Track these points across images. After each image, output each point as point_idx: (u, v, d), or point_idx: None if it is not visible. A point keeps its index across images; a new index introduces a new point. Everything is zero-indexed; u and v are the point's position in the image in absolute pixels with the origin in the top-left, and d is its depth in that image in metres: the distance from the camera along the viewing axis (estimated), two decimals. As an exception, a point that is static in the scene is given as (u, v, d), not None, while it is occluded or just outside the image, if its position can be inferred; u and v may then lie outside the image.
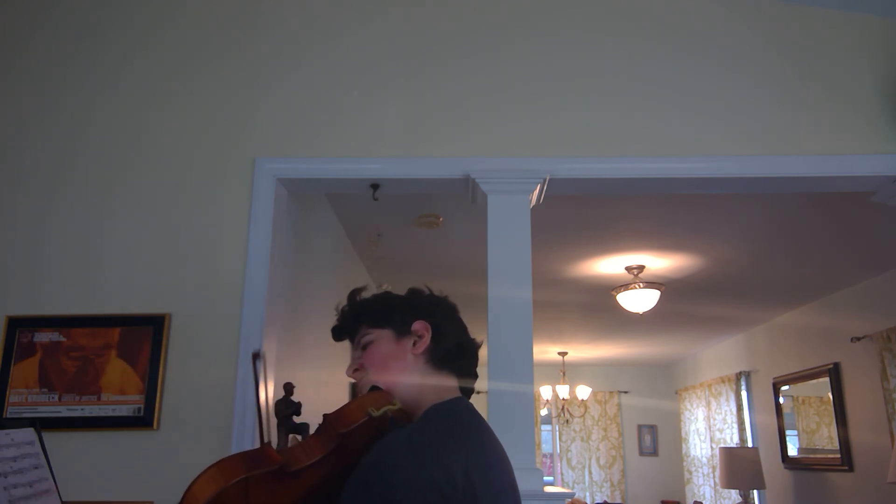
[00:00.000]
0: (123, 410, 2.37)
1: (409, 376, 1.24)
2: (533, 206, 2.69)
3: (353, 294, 1.37)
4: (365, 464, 1.02)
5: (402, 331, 1.28)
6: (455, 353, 1.29)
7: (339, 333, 1.37)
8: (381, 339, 1.29)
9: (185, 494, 0.99)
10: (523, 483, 2.32)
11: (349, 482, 1.02)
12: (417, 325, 1.28)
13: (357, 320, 1.33)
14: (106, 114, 2.72)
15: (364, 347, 1.30)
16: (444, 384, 1.26)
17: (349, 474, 1.03)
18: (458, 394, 1.28)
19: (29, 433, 1.43)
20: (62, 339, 2.44)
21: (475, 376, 1.34)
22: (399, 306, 1.32)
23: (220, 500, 0.97)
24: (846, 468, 5.48)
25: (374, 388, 1.19)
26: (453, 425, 1.14)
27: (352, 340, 1.35)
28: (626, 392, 10.17)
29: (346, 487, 1.02)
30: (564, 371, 8.95)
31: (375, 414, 1.11)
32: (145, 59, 2.79)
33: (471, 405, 1.26)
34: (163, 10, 2.86)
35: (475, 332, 1.37)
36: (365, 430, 1.10)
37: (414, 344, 1.27)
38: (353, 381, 1.32)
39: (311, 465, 1.06)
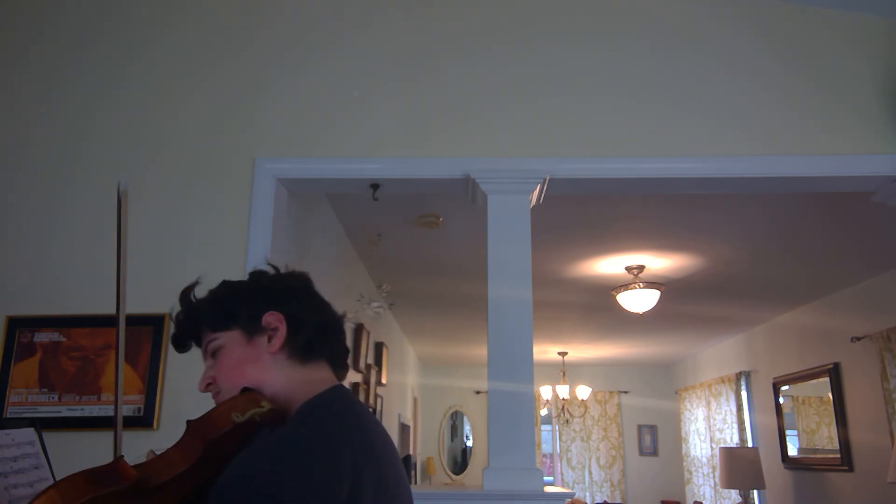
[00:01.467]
0: (123, 410, 2.37)
1: (271, 378, 1.07)
2: (533, 206, 2.69)
3: (185, 294, 1.19)
4: (223, 482, 0.88)
5: (252, 328, 1.10)
6: (318, 338, 1.12)
7: (180, 344, 1.19)
8: (230, 342, 1.11)
9: None
10: (523, 483, 2.33)
11: (209, 498, 0.89)
12: (269, 318, 1.10)
13: (197, 325, 1.16)
14: (107, 115, 2.72)
15: (213, 355, 1.13)
16: (315, 376, 1.10)
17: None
18: (334, 381, 1.12)
19: (29, 433, 1.43)
20: (62, 339, 2.44)
21: (346, 354, 1.18)
22: (243, 299, 1.14)
23: None
24: (846, 468, 5.48)
25: (245, 389, 1.06)
26: (330, 423, 0.99)
27: (199, 346, 1.18)
28: (626, 392, 10.17)
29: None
30: (564, 371, 8.95)
31: (240, 420, 0.98)
32: (146, 61, 2.79)
33: (348, 394, 1.12)
34: (163, 11, 2.86)
35: (476, 333, 1.25)
36: (233, 436, 0.98)
37: (269, 340, 1.09)
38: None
39: (174, 479, 0.93)
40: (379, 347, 5.41)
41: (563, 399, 8.89)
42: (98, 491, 0.87)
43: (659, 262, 4.93)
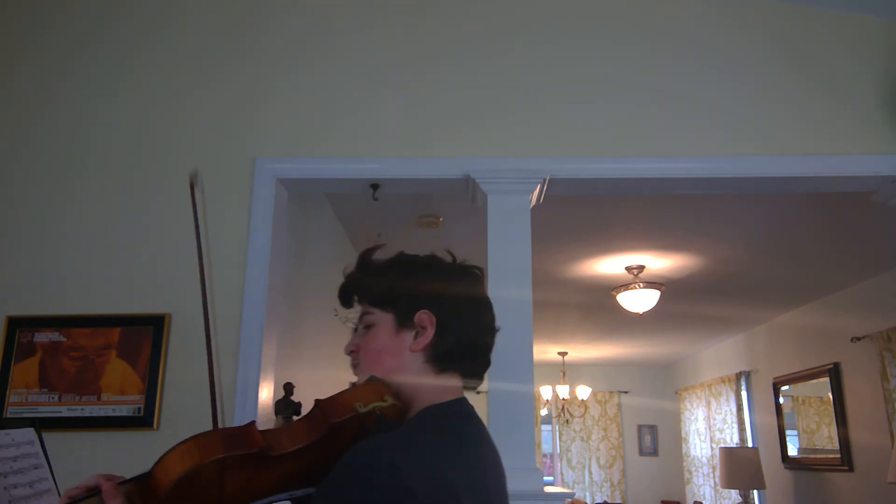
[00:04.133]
0: (123, 410, 2.37)
1: (404, 375, 1.09)
2: (533, 206, 2.69)
3: (367, 253, 1.18)
4: (344, 466, 0.92)
5: (404, 320, 1.10)
6: (459, 353, 1.11)
7: (345, 299, 1.18)
8: (381, 325, 1.12)
9: (156, 465, 0.92)
10: (523, 483, 2.33)
11: (325, 482, 0.92)
12: (421, 316, 1.09)
13: (361, 291, 1.16)
14: (107, 115, 2.72)
15: (366, 327, 1.14)
16: (444, 383, 1.10)
17: (326, 468, 0.94)
18: (461, 394, 1.13)
19: (29, 433, 1.43)
20: (62, 339, 2.44)
21: (482, 377, 1.18)
22: (408, 287, 1.13)
23: (192, 477, 0.90)
24: (846, 468, 5.48)
25: (372, 378, 1.09)
26: (448, 440, 1.01)
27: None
28: (626, 392, 10.17)
29: (323, 486, 0.92)
30: (564, 371, 8.95)
31: (362, 410, 1.02)
32: (147, 62, 2.79)
33: (470, 409, 1.12)
34: (164, 12, 2.86)
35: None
36: (352, 423, 1.02)
37: (415, 337, 1.09)
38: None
39: (294, 453, 0.98)
40: (379, 347, 5.40)
41: (563, 399, 8.90)
42: (229, 451, 0.93)
43: (659, 262, 4.93)
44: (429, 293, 1.12)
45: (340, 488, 0.91)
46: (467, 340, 1.12)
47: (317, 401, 1.04)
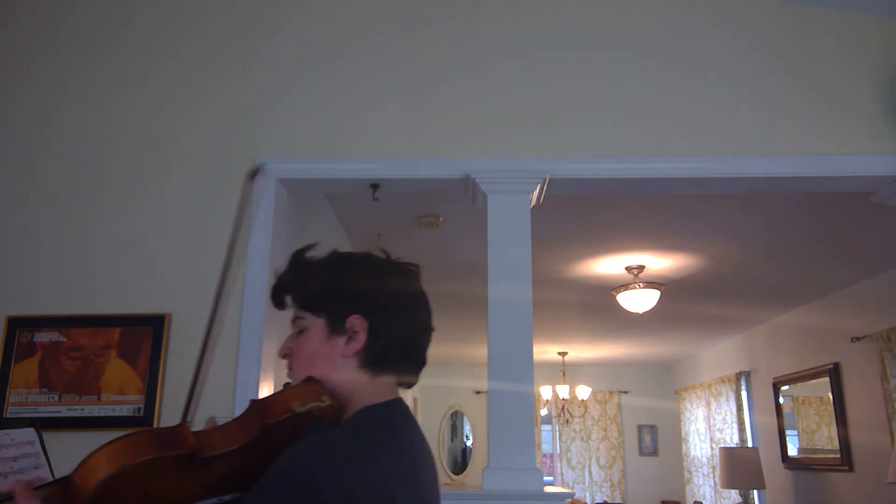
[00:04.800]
0: (123, 410, 2.37)
1: (338, 379, 1.07)
2: (533, 206, 2.69)
3: (298, 254, 1.15)
4: (279, 467, 0.91)
5: (336, 325, 1.08)
6: (393, 356, 1.10)
7: (277, 301, 1.15)
8: (313, 329, 1.09)
9: (79, 466, 0.87)
10: (523, 483, 2.33)
11: (259, 485, 0.90)
12: (352, 322, 1.07)
13: (291, 293, 1.13)
14: (107, 116, 2.72)
15: (299, 331, 1.12)
16: (380, 385, 1.10)
17: (261, 469, 0.92)
18: (396, 393, 1.12)
19: (29, 433, 1.43)
20: (62, 339, 2.44)
21: (417, 377, 1.16)
22: (340, 289, 1.10)
23: (117, 479, 0.86)
24: (846, 468, 5.48)
25: (309, 379, 1.07)
26: (382, 440, 1.01)
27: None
28: (626, 392, 10.17)
29: (256, 489, 0.90)
30: (564, 371, 8.95)
31: (300, 410, 1.00)
32: (147, 62, 2.79)
33: (405, 408, 1.12)
34: (169, 16, 2.86)
35: (476, 333, 1.22)
36: (288, 424, 0.99)
37: (347, 342, 1.07)
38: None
39: (227, 454, 0.94)
40: (379, 347, 5.40)
41: (563, 399, 8.89)
42: (158, 453, 0.88)
43: (659, 262, 4.93)
44: (361, 296, 1.09)
45: (276, 491, 0.89)
46: (401, 343, 1.10)
47: (252, 400, 1.01)
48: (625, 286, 5.21)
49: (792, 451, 6.48)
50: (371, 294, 1.10)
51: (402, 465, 1.00)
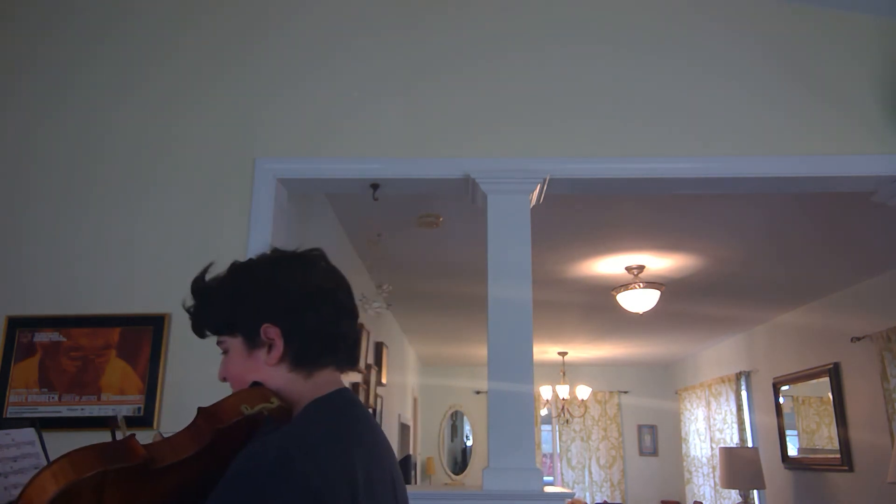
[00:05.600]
0: (123, 410, 2.37)
1: (275, 384, 1.07)
2: (533, 206, 2.69)
3: (195, 284, 1.15)
4: (233, 470, 0.90)
5: (253, 339, 1.08)
6: (319, 350, 1.08)
7: (197, 334, 1.16)
8: (234, 349, 1.10)
9: (27, 487, 0.85)
10: (523, 483, 2.33)
11: (216, 489, 0.90)
12: (266, 332, 1.07)
13: (204, 323, 1.13)
14: (107, 116, 2.72)
15: (224, 353, 1.12)
16: (319, 380, 1.09)
17: (218, 476, 0.92)
18: (340, 384, 1.11)
19: (29, 433, 1.43)
20: (62, 339, 2.44)
21: (355, 361, 1.16)
22: (243, 304, 1.10)
23: (68, 495, 0.84)
24: (846, 468, 5.48)
25: (255, 383, 1.07)
26: (336, 427, 1.01)
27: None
28: (626, 392, 10.17)
29: (213, 495, 0.89)
30: (564, 371, 8.95)
31: (249, 412, 0.99)
32: (146, 62, 2.79)
33: (353, 397, 1.12)
34: (167, 15, 2.86)
35: (476, 333, 1.23)
36: (239, 428, 0.99)
37: (269, 352, 1.07)
38: None
39: (179, 463, 0.93)
40: (379, 347, 5.41)
41: (563, 399, 8.90)
42: (107, 465, 0.87)
43: (659, 262, 4.93)
44: (265, 305, 1.08)
45: (234, 492, 0.89)
46: (319, 337, 1.09)
47: (199, 408, 1.00)
48: (625, 286, 5.21)
49: (792, 451, 6.48)
50: (273, 299, 1.08)
51: (357, 449, 0.99)
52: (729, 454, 6.46)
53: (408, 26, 2.82)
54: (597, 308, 6.29)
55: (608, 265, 5.01)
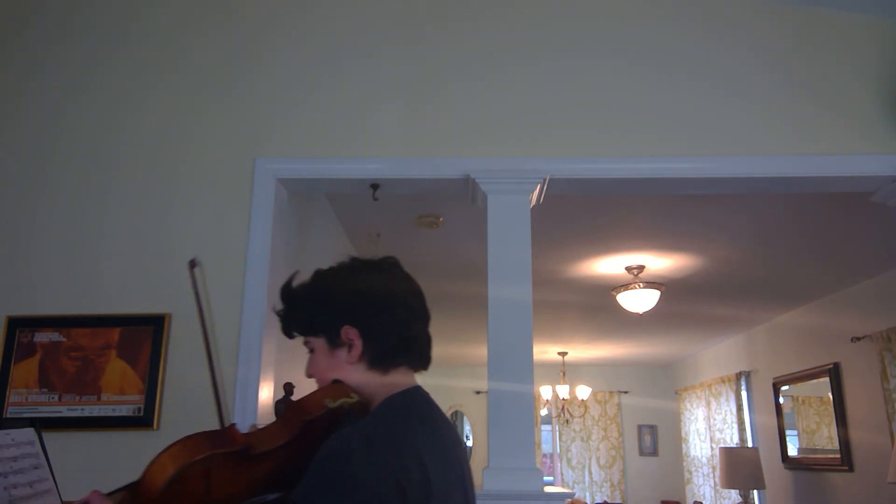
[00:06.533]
0: (123, 410, 2.37)
1: (354, 382, 1.18)
2: (533, 206, 2.69)
3: (284, 290, 1.26)
4: (322, 455, 1.01)
5: (334, 340, 1.19)
6: (394, 350, 1.19)
7: (287, 336, 1.29)
8: (318, 349, 1.22)
9: (146, 471, 0.96)
10: (523, 483, 2.33)
11: (308, 472, 1.01)
12: (346, 333, 1.19)
13: (292, 325, 1.26)
14: (106, 115, 2.72)
15: (311, 352, 1.24)
16: (394, 380, 1.19)
17: (305, 464, 1.02)
18: (414, 383, 1.22)
19: (29, 433, 1.43)
20: (62, 339, 2.44)
21: (428, 362, 1.26)
22: (325, 308, 1.21)
23: (183, 476, 0.96)
24: (846, 468, 5.47)
25: (336, 381, 1.19)
26: (411, 419, 1.12)
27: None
28: (626, 392, 10.17)
29: (305, 477, 1.01)
30: (564, 371, 8.95)
31: (332, 405, 1.11)
32: (145, 60, 2.79)
33: (426, 395, 1.21)
34: (163, 10, 2.86)
35: (476, 333, 1.31)
36: (324, 420, 1.10)
37: (349, 352, 1.19)
38: None
39: (273, 451, 1.05)
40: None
41: (563, 399, 8.89)
42: (214, 450, 0.99)
43: (659, 262, 4.93)
44: (346, 308, 1.20)
45: (325, 473, 0.99)
46: (395, 337, 1.19)
47: (290, 402, 1.13)
48: (625, 286, 5.21)
49: (792, 451, 6.48)
50: (354, 303, 1.20)
51: (431, 439, 1.10)
52: (729, 454, 6.46)
53: (408, 28, 2.82)
54: (597, 308, 6.29)
55: (608, 265, 5.01)
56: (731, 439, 7.63)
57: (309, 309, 1.22)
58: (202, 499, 0.98)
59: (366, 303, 1.20)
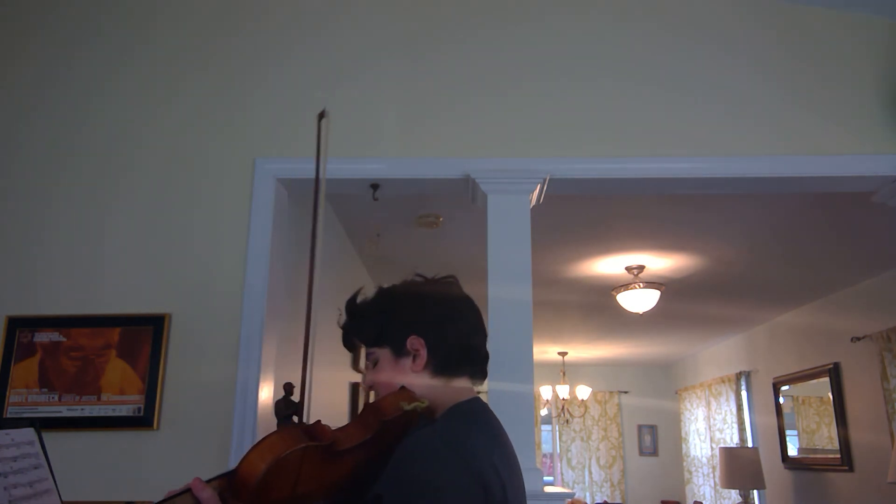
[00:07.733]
0: (123, 410, 2.37)
1: (419, 390, 1.23)
2: (533, 206, 2.69)
3: (350, 304, 1.33)
4: (404, 453, 1.06)
5: (400, 350, 1.25)
6: (458, 360, 1.27)
7: (348, 348, 1.36)
8: (383, 359, 1.28)
9: (243, 460, 1.00)
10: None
11: (389, 471, 1.05)
12: (412, 342, 1.25)
13: (356, 336, 1.32)
14: (105, 114, 2.72)
15: (374, 363, 1.29)
16: (456, 386, 1.26)
17: (379, 466, 1.07)
18: (474, 393, 1.29)
19: (29, 433, 1.43)
20: (62, 339, 2.44)
21: (485, 376, 1.34)
22: (393, 320, 1.28)
23: (281, 465, 0.99)
24: (846, 468, 5.48)
25: (402, 388, 1.22)
26: (479, 425, 1.19)
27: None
28: (626, 392, 10.17)
29: (385, 476, 1.05)
30: (564, 371, 8.95)
31: (408, 408, 1.15)
32: (145, 59, 2.79)
33: (486, 405, 1.28)
34: (163, 9, 2.86)
35: None
36: (398, 423, 1.14)
37: (414, 361, 1.24)
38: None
39: (354, 448, 1.09)
40: (379, 347, 5.40)
41: (563, 399, 8.89)
42: (308, 442, 1.03)
43: (659, 262, 4.93)
44: (412, 320, 1.27)
45: (409, 471, 1.05)
46: (458, 347, 1.27)
47: (367, 404, 1.18)
48: (625, 286, 5.21)
49: (792, 451, 6.48)
50: (419, 315, 1.28)
51: (501, 448, 1.17)
52: (729, 454, 6.46)
53: (408, 29, 2.82)
54: (597, 308, 6.29)
55: (608, 265, 5.01)
56: (731, 439, 7.63)
57: (375, 321, 1.29)
58: (290, 491, 1.02)
59: (430, 314, 1.28)
